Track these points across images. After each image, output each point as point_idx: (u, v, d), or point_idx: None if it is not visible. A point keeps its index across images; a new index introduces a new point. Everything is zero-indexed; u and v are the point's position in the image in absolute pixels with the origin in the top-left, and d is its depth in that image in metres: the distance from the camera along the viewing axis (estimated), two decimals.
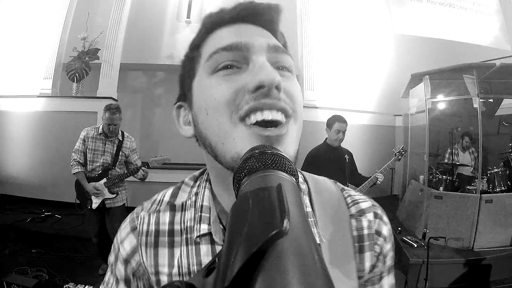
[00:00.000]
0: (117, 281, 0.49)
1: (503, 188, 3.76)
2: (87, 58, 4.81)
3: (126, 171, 2.76)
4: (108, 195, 2.72)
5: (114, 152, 2.73)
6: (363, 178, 2.80)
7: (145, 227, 0.48)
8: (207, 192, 0.48)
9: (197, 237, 0.44)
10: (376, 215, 0.49)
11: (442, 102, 4.51)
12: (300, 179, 0.51)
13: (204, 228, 0.44)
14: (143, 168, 2.67)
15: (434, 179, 4.25)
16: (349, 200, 0.49)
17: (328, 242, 0.44)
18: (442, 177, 4.21)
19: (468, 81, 3.91)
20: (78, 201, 2.85)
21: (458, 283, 3.07)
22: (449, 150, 4.51)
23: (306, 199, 0.48)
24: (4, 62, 5.00)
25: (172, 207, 0.49)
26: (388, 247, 0.48)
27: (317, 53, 5.45)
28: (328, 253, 0.43)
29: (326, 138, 2.78)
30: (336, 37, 5.63)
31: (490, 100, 4.25)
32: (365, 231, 0.47)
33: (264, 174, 0.25)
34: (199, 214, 0.46)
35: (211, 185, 0.48)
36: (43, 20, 5.00)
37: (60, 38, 4.96)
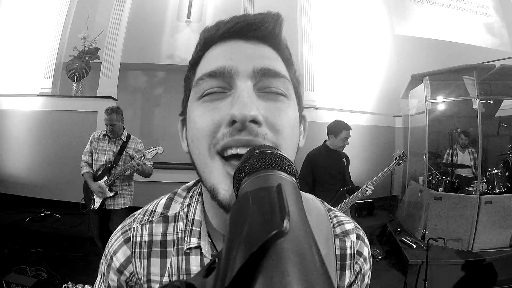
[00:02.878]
0: None
1: (502, 189, 3.77)
2: (87, 58, 4.82)
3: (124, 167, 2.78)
4: (107, 193, 2.75)
5: (117, 151, 2.80)
6: (354, 187, 2.74)
7: (138, 239, 0.48)
8: (198, 206, 0.49)
9: (187, 249, 0.46)
10: (358, 237, 0.51)
11: (442, 103, 4.51)
12: None
13: (194, 241, 0.46)
14: (137, 161, 2.68)
15: (433, 180, 4.25)
16: (334, 220, 0.52)
17: None
18: (442, 178, 4.22)
19: (468, 82, 3.91)
20: (83, 201, 2.92)
21: (457, 284, 3.07)
22: (448, 150, 4.51)
23: None
24: (4, 61, 5.00)
25: (165, 219, 0.49)
26: (367, 267, 0.52)
27: (317, 54, 5.46)
28: None
29: (326, 140, 2.77)
30: (336, 38, 5.63)
31: (490, 101, 4.25)
32: (348, 251, 0.49)
33: (264, 174, 0.25)
34: (190, 227, 0.47)
35: (203, 198, 0.49)
36: (44, 20, 5.00)
37: (61, 38, 4.96)
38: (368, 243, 0.53)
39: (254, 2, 5.11)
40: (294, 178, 0.27)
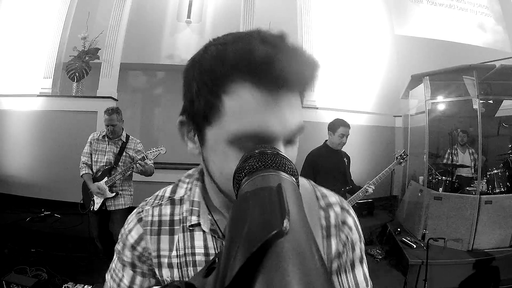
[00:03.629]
0: (124, 266, 0.56)
1: (502, 189, 3.77)
2: (87, 58, 4.81)
3: (125, 168, 2.78)
4: (108, 194, 2.74)
5: (117, 152, 2.80)
6: (355, 187, 2.76)
7: (149, 218, 0.56)
8: (197, 189, 0.55)
9: (189, 226, 0.53)
10: (342, 208, 0.56)
11: (442, 103, 4.51)
12: None
13: (194, 219, 0.53)
14: (139, 162, 2.68)
15: (433, 180, 4.25)
16: (319, 194, 0.56)
17: None
18: (442, 178, 4.22)
19: (468, 82, 3.91)
20: (82, 202, 2.92)
21: (457, 284, 3.07)
22: (448, 150, 4.51)
23: None
24: (4, 61, 5.00)
25: (172, 202, 0.57)
26: (355, 236, 0.55)
27: (317, 54, 5.45)
28: None
29: (326, 140, 2.77)
30: (336, 38, 5.63)
31: (490, 101, 4.25)
32: (332, 220, 0.54)
33: (264, 174, 0.25)
34: (191, 207, 0.54)
35: (201, 182, 0.56)
36: (44, 20, 5.00)
37: (61, 38, 4.95)
38: (354, 214, 0.57)
39: (254, 2, 5.11)
40: (294, 178, 0.27)
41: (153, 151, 2.82)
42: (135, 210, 0.59)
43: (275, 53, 0.36)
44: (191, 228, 0.53)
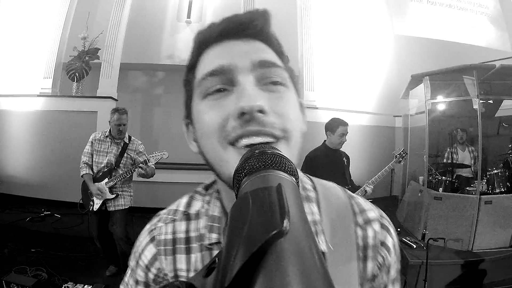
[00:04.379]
0: (137, 284, 0.53)
1: (502, 189, 3.77)
2: (87, 58, 4.82)
3: (126, 170, 2.77)
4: (108, 195, 2.73)
5: (118, 153, 2.78)
6: (355, 187, 2.76)
7: (162, 237, 0.51)
8: (217, 203, 0.50)
9: (209, 244, 0.48)
10: (382, 226, 0.49)
11: (442, 103, 4.51)
12: (309, 187, 0.52)
13: (214, 237, 0.48)
14: (140, 165, 2.67)
15: (433, 180, 4.25)
16: (356, 208, 0.50)
17: (334, 249, 0.45)
18: (442, 178, 4.21)
19: (468, 82, 3.91)
20: (81, 202, 2.90)
21: (457, 284, 3.07)
22: (448, 149, 4.51)
23: (314, 207, 0.48)
24: (4, 61, 5.00)
25: (187, 217, 0.52)
26: (392, 259, 0.49)
27: (317, 54, 5.46)
28: (332, 259, 0.44)
29: (325, 140, 2.76)
30: (336, 38, 5.63)
31: (490, 101, 4.25)
32: (370, 241, 0.48)
33: (264, 174, 0.25)
34: (210, 223, 0.49)
35: (221, 195, 0.51)
36: (44, 20, 5.01)
37: (60, 38, 4.96)
38: (394, 233, 0.50)
39: (254, 2, 5.11)
40: (294, 178, 0.27)
41: (155, 155, 2.78)
42: (147, 226, 0.54)
43: (232, 16, 0.45)
44: (209, 247, 0.48)
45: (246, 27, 0.44)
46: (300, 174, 0.51)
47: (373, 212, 0.50)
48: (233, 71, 0.41)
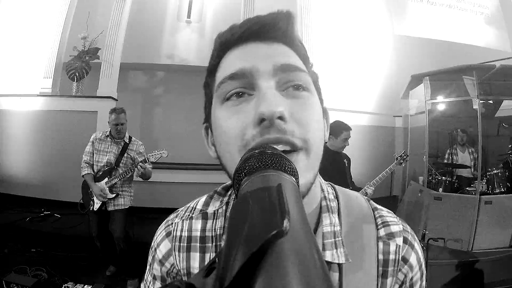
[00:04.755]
0: (154, 279, 0.53)
1: (502, 189, 3.77)
2: (87, 58, 4.81)
3: (126, 169, 2.77)
4: (109, 195, 2.74)
5: (118, 153, 2.78)
6: (355, 188, 2.74)
7: (178, 233, 0.51)
8: None
9: None
10: (405, 241, 0.47)
11: (442, 103, 4.51)
12: (331, 196, 0.50)
13: None
14: (140, 164, 2.67)
15: (433, 180, 4.25)
16: (379, 221, 0.48)
17: (352, 262, 0.43)
18: (442, 178, 4.21)
19: (468, 82, 3.91)
20: (82, 201, 2.91)
21: (457, 284, 3.07)
22: (448, 150, 4.51)
23: (335, 218, 0.47)
24: (4, 61, 5.00)
25: (204, 216, 0.51)
26: (416, 276, 0.47)
27: (317, 54, 5.45)
28: (349, 272, 0.43)
29: (326, 142, 2.74)
30: (336, 38, 5.63)
31: (489, 101, 4.25)
32: (391, 256, 0.46)
33: (264, 174, 0.25)
34: (226, 224, 0.48)
35: None
36: (44, 19, 5.00)
37: (61, 38, 4.95)
38: (418, 249, 0.48)
39: (254, 2, 5.11)
40: (294, 178, 0.27)
41: (154, 154, 2.78)
42: (164, 221, 0.55)
43: (254, 17, 0.43)
44: None
45: (269, 29, 0.42)
46: (323, 182, 0.51)
47: (397, 225, 0.48)
48: (254, 75, 0.40)
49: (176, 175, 4.42)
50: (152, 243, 0.54)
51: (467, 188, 3.90)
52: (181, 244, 0.50)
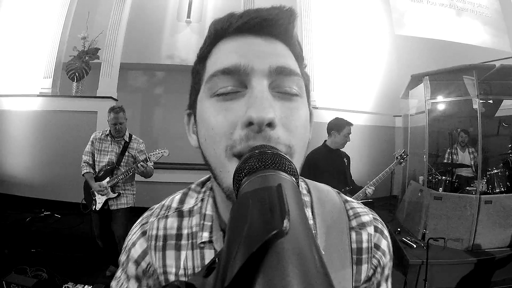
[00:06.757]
0: (128, 278, 0.52)
1: (502, 189, 3.77)
2: (87, 58, 4.81)
3: (127, 168, 2.77)
4: (110, 194, 2.74)
5: (119, 152, 2.78)
6: (356, 187, 2.73)
7: (154, 232, 0.50)
8: (210, 201, 0.50)
9: (200, 243, 0.47)
10: (376, 229, 0.49)
11: (442, 103, 4.51)
12: (304, 191, 0.51)
13: (205, 236, 0.47)
14: (141, 163, 2.67)
15: (433, 180, 4.25)
16: (350, 212, 0.50)
17: (326, 253, 0.44)
18: (442, 178, 4.22)
19: (468, 82, 3.91)
20: (84, 202, 2.90)
21: (457, 284, 3.07)
22: (448, 150, 4.51)
23: (308, 212, 0.48)
24: (4, 61, 5.00)
25: (179, 214, 0.51)
26: (387, 259, 0.49)
27: (317, 54, 5.46)
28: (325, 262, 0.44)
29: (325, 140, 2.75)
30: (336, 38, 5.63)
31: (489, 101, 4.25)
32: (364, 244, 0.48)
33: (264, 174, 0.25)
34: (202, 222, 0.48)
35: (214, 192, 0.50)
36: (43, 19, 5.00)
37: (60, 38, 4.96)
38: (387, 235, 0.51)
39: (254, 2, 5.11)
40: (294, 178, 0.27)
41: (155, 153, 2.78)
42: (139, 220, 0.54)
43: (255, 10, 0.41)
44: (201, 246, 0.47)
45: (270, 24, 0.40)
46: None
47: (367, 215, 0.50)
48: (249, 73, 0.39)
49: (176, 175, 4.42)
50: (127, 242, 0.53)
51: (467, 188, 3.90)
52: (157, 243, 0.49)
